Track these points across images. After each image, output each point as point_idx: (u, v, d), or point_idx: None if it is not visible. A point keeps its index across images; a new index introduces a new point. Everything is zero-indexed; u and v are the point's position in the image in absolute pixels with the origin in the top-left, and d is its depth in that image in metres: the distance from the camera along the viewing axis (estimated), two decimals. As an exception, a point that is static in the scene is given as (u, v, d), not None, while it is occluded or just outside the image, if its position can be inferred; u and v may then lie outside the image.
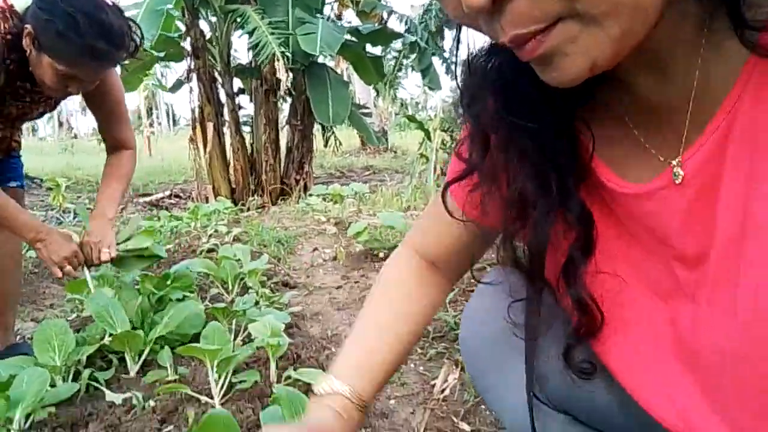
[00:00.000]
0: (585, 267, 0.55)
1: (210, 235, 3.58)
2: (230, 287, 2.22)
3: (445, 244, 0.73)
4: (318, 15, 5.91)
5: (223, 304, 1.71)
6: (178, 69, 7.79)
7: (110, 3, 1.49)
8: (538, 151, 0.53)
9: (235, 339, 1.65)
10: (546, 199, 0.54)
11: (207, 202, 6.07)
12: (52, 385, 1.31)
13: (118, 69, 1.75)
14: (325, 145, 8.84)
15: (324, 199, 4.90)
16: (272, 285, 2.52)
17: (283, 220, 4.29)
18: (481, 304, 0.78)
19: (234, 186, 6.19)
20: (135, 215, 2.12)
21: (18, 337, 1.98)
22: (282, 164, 6.28)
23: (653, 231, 0.52)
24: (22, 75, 1.51)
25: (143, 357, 1.51)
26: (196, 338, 1.43)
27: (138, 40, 1.52)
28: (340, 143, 9.16)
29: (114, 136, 1.85)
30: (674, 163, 0.48)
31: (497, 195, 0.58)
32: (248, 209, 5.48)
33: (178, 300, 1.77)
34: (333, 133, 8.61)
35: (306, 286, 2.65)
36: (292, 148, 6.33)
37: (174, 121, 33.05)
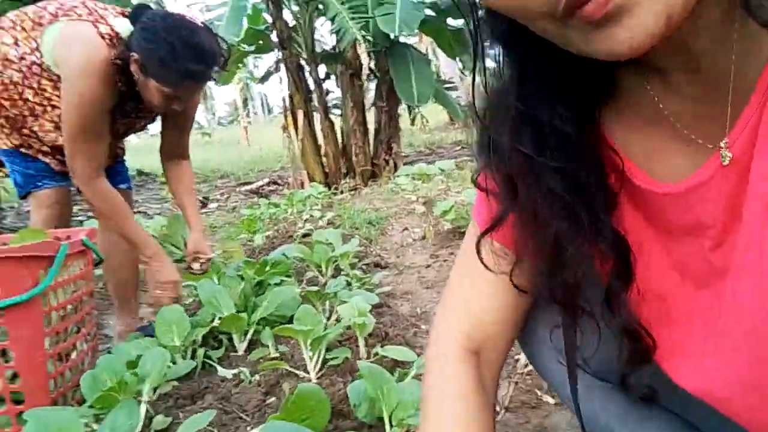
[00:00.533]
0: (627, 293, 0.55)
1: (305, 220, 3.78)
2: (324, 270, 2.37)
3: (495, 314, 0.67)
4: (396, -6, 5.93)
5: (316, 288, 1.85)
6: (268, 60, 8.13)
7: (200, 24, 1.65)
8: (567, 189, 0.53)
9: (328, 319, 1.78)
10: (578, 235, 0.53)
11: (303, 187, 6.34)
12: (173, 363, 1.50)
13: None
14: (412, 124, 8.90)
15: (413, 178, 4.98)
16: (364, 266, 2.64)
17: (373, 202, 4.42)
18: None
19: (327, 170, 6.41)
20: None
21: (145, 320, 2.24)
22: (371, 146, 6.41)
23: (689, 224, 0.52)
24: (129, 95, 1.71)
25: (248, 337, 1.68)
26: (293, 319, 1.57)
27: (226, 55, 1.68)
28: (427, 120, 9.18)
29: (179, 146, 2.07)
30: (722, 145, 0.48)
31: (529, 232, 0.58)
32: (341, 192, 5.68)
33: (276, 285, 1.93)
34: (419, 110, 8.65)
35: (396, 266, 2.76)
36: (379, 130, 6.44)
37: (269, 109, 34.35)
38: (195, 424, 1.08)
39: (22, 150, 1.80)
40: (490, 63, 0.56)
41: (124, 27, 1.66)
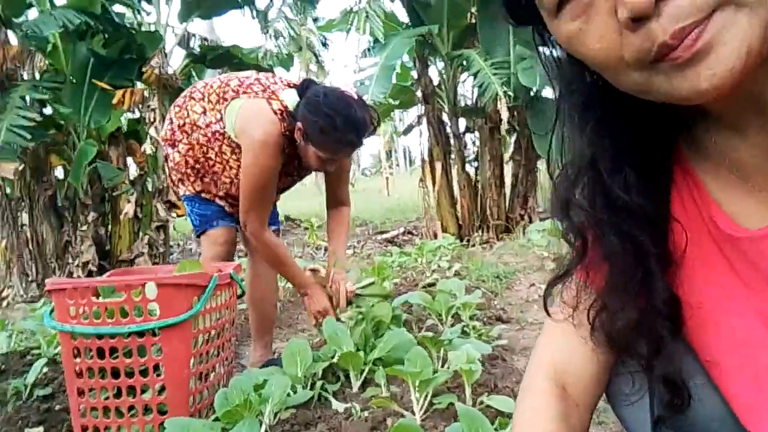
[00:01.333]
0: (674, 344, 0.60)
1: (433, 270, 3.86)
2: (444, 319, 2.43)
3: (576, 354, 0.72)
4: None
5: (431, 334, 1.91)
6: (412, 114, 8.55)
7: (355, 96, 1.91)
8: (624, 250, 0.61)
9: (442, 366, 1.83)
10: (626, 291, 0.61)
11: (435, 238, 6.45)
12: (294, 391, 1.64)
13: None
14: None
15: (547, 234, 4.88)
16: (485, 318, 2.65)
17: (504, 256, 4.40)
18: None
19: (461, 222, 6.49)
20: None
21: (276, 354, 2.44)
22: (507, 199, 6.41)
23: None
24: (292, 157, 1.99)
25: (364, 374, 1.78)
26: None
27: (375, 123, 1.94)
28: (567, 175, 8.95)
29: (339, 196, 2.30)
30: None
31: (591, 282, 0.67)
32: (473, 245, 5.71)
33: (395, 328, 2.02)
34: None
35: (518, 321, 2.73)
36: (516, 183, 6.43)
37: (410, 161, 35.47)
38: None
39: (203, 195, 2.12)
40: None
41: (292, 99, 1.95)
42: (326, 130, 1.83)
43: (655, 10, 0.44)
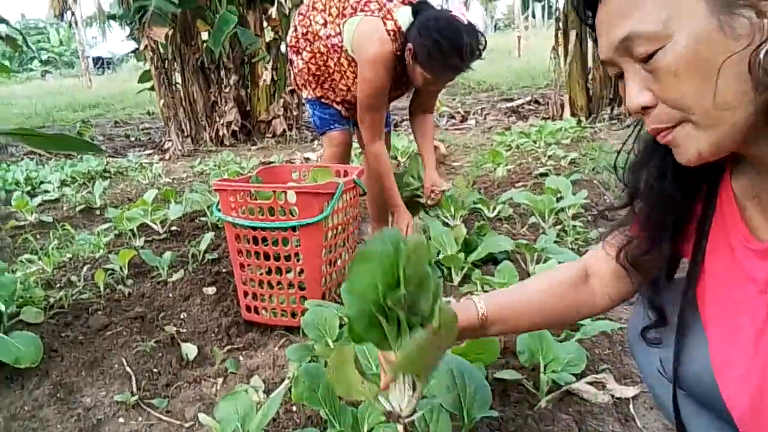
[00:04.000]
0: (665, 284, 0.88)
1: (549, 157, 3.95)
2: (546, 218, 2.62)
3: (608, 269, 0.97)
4: None
5: (525, 241, 2.14)
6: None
7: (466, 22, 1.99)
8: (653, 227, 0.85)
9: (535, 267, 2.08)
10: (646, 248, 0.87)
11: (562, 110, 6.34)
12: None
13: None
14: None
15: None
16: (590, 216, 2.78)
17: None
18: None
19: (591, 95, 6.28)
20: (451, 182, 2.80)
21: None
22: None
23: (748, 274, 0.74)
24: (402, 73, 2.17)
25: (463, 272, 2.09)
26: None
27: (482, 48, 2.02)
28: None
29: (426, 105, 2.52)
30: None
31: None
32: (600, 120, 5.59)
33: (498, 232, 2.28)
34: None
35: (623, 221, 2.83)
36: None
37: (550, 13, 32.49)
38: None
39: (322, 100, 2.39)
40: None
41: (405, 18, 2.09)
42: (433, 54, 1.98)
43: (646, 111, 0.69)
